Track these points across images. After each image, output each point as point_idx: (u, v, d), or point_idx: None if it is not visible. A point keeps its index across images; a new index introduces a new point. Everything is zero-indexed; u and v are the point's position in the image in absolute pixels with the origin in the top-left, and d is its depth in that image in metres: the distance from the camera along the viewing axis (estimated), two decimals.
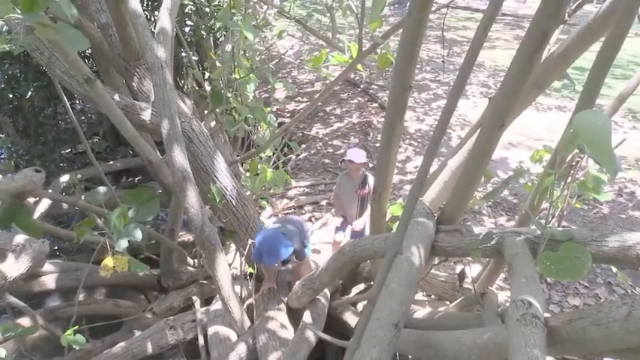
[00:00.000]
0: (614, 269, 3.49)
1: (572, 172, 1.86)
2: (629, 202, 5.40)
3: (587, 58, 1.95)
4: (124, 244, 2.55)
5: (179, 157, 3.07)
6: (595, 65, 1.80)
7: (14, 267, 2.68)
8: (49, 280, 4.69)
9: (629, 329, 1.22)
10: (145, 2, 6.53)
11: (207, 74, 5.77)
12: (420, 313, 3.12)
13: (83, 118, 8.07)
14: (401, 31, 2.09)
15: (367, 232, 3.64)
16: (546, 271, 1.53)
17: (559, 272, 1.51)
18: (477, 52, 1.15)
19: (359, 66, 4.17)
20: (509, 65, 1.80)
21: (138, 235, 2.58)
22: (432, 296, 3.90)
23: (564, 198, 1.92)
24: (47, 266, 4.68)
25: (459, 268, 4.03)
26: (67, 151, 7.41)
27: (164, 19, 3.46)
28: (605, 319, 1.29)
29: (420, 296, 3.95)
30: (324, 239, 4.95)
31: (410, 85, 2.16)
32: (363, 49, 3.88)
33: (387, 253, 1.47)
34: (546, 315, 1.56)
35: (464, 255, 2.14)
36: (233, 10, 5.14)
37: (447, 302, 3.57)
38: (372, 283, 3.69)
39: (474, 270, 3.86)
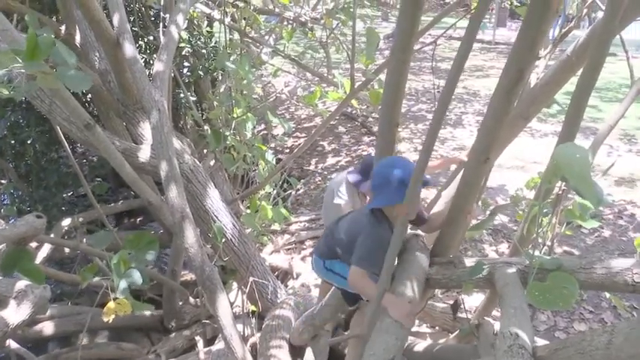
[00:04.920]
0: (607, 295, 3.49)
1: (558, 201, 1.89)
2: (629, 224, 5.39)
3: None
4: (124, 288, 2.57)
5: (177, 197, 3.10)
6: (574, 97, 1.86)
7: (16, 314, 2.67)
8: (51, 325, 4.68)
9: (610, 357, 1.24)
10: (144, 46, 6.71)
11: (205, 115, 5.88)
12: (420, 346, 3.12)
13: (85, 161, 8.17)
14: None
15: None
16: (536, 301, 1.55)
17: (548, 302, 1.53)
18: (448, 99, 1.20)
19: (353, 101, 4.26)
20: (490, 101, 1.87)
21: (138, 279, 2.61)
22: (437, 328, 3.88)
23: (553, 227, 1.95)
24: (50, 311, 4.67)
25: (462, 297, 4.02)
26: (69, 194, 7.45)
27: (161, 63, 3.56)
28: (588, 347, 1.31)
29: (423, 328, 3.93)
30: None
31: (397, 122, 2.23)
32: (356, 84, 3.97)
33: (377, 291, 1.50)
34: (537, 344, 1.57)
35: (458, 286, 2.15)
36: (229, 51, 5.27)
37: (450, 334, 3.56)
38: None
39: (475, 300, 3.85)
